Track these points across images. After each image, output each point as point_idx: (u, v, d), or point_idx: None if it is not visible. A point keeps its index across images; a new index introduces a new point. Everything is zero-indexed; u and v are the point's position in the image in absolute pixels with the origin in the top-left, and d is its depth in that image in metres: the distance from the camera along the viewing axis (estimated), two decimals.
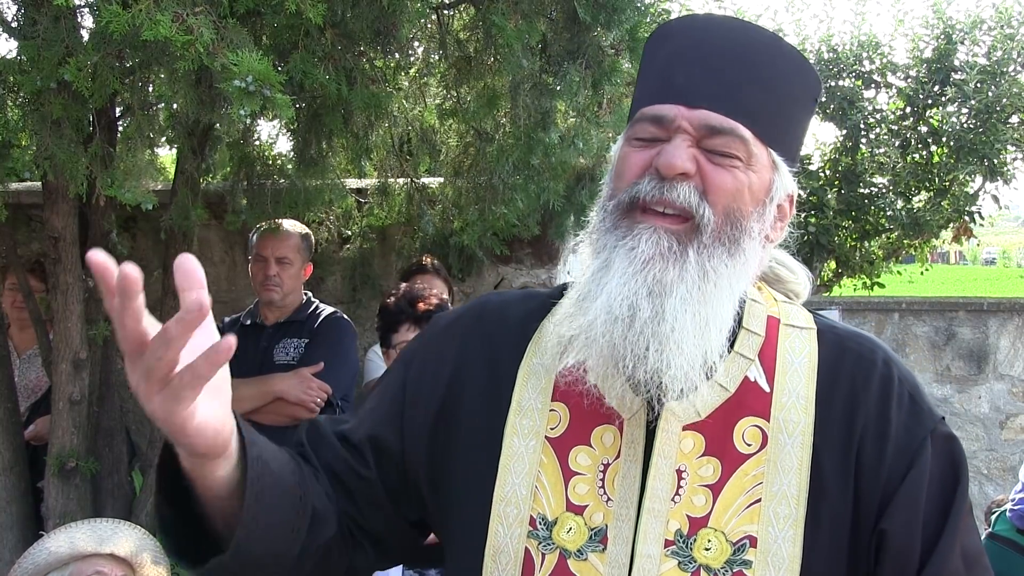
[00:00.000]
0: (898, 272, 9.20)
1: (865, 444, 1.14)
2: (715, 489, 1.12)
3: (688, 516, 1.12)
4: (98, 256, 0.86)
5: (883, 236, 8.38)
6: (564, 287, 1.29)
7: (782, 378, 1.17)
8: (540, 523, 1.15)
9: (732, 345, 1.18)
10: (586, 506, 1.14)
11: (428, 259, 3.99)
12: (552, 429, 1.19)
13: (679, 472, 1.13)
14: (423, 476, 1.25)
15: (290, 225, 3.67)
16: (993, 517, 3.19)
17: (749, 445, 1.14)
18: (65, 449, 3.19)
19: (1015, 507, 3.06)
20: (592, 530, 1.13)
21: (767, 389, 1.16)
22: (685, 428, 1.14)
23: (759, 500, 1.11)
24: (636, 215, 1.12)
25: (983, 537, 3.07)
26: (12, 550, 3.30)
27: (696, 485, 1.13)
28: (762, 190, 1.15)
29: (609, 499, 1.14)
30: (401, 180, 4.31)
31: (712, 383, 1.15)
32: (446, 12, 3.52)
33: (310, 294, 3.76)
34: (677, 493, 1.13)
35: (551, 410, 1.20)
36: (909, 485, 1.13)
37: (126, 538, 1.82)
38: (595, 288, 1.12)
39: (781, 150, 1.16)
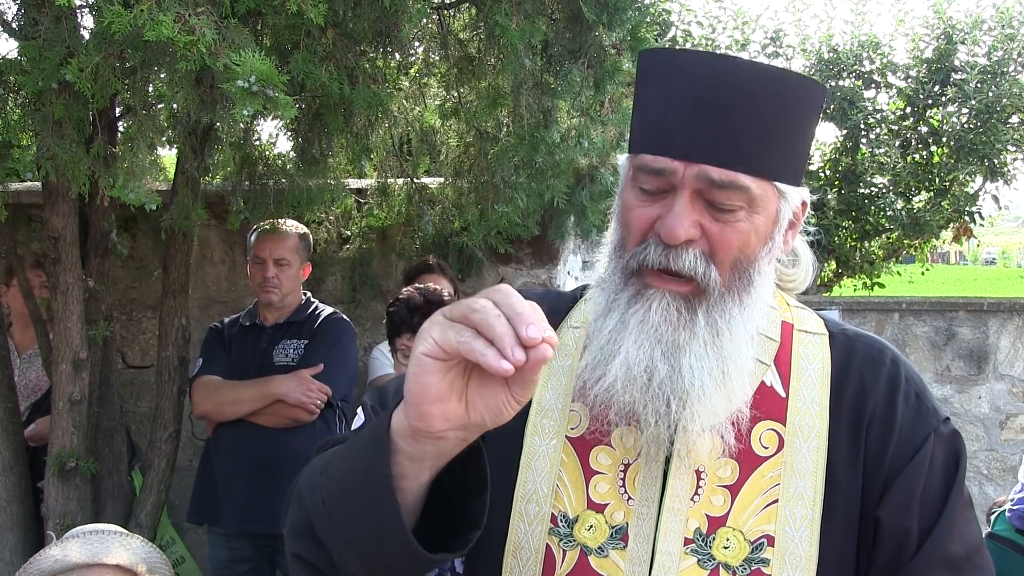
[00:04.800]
0: (898, 272, 9.18)
1: (872, 433, 1.18)
2: (733, 490, 1.16)
3: (707, 515, 1.15)
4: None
5: (883, 236, 8.38)
6: (584, 288, 1.31)
7: (797, 384, 1.21)
8: (561, 520, 1.18)
9: None
10: (607, 504, 1.17)
11: (433, 259, 3.99)
12: (572, 429, 1.22)
13: (698, 473, 1.16)
14: None
15: (288, 225, 3.67)
16: (993, 517, 3.19)
17: (766, 448, 1.18)
18: (65, 449, 3.19)
19: (1014, 507, 3.06)
20: (613, 528, 1.16)
21: (783, 394, 1.20)
22: (704, 431, 1.16)
23: (776, 501, 1.15)
24: (645, 278, 1.14)
25: (983, 537, 3.06)
26: (12, 550, 3.29)
27: (715, 485, 1.16)
28: (769, 225, 1.15)
29: (630, 498, 1.17)
30: (401, 180, 4.31)
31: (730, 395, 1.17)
32: (447, 12, 3.52)
33: (309, 294, 3.75)
34: (696, 493, 1.16)
35: (571, 410, 1.22)
36: (909, 473, 1.16)
37: (130, 549, 1.82)
38: (613, 346, 1.14)
39: (786, 177, 1.16)
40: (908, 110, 8.22)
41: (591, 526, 1.16)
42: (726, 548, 1.14)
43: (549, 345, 0.88)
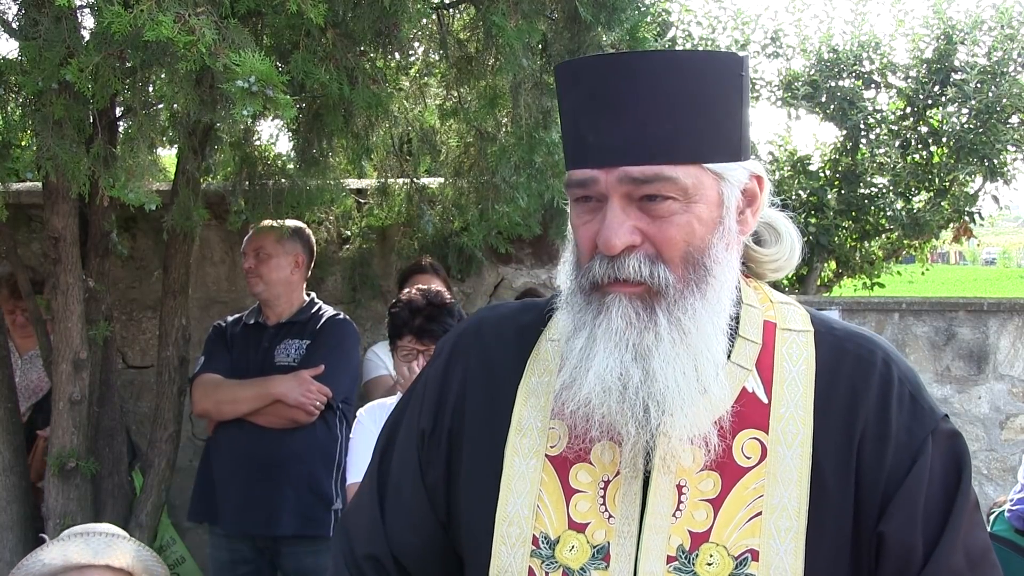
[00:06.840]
0: (898, 272, 9.18)
1: (865, 446, 1.13)
2: (716, 503, 1.12)
3: (689, 531, 1.12)
4: None
5: (883, 236, 8.37)
6: (557, 297, 1.27)
7: (780, 388, 1.16)
8: (543, 542, 1.16)
9: (729, 355, 1.17)
10: (588, 523, 1.14)
11: (427, 259, 3.99)
12: (552, 447, 1.19)
13: (679, 487, 1.13)
14: (443, 505, 1.28)
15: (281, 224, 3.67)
16: (992, 517, 3.18)
17: (748, 458, 1.14)
18: (65, 449, 3.19)
19: (1014, 507, 3.06)
20: (594, 548, 1.13)
21: (765, 400, 1.16)
22: (685, 439, 1.13)
23: (760, 513, 1.11)
24: (602, 289, 1.13)
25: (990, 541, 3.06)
26: (12, 550, 3.29)
27: (697, 500, 1.13)
28: (713, 210, 1.12)
29: (611, 516, 1.14)
30: (401, 180, 4.31)
31: (710, 396, 1.13)
32: (446, 12, 3.52)
33: (314, 295, 3.75)
34: (678, 508, 1.12)
35: (550, 428, 1.20)
36: (909, 485, 1.12)
37: (122, 550, 1.81)
38: (585, 361, 1.13)
39: (716, 156, 1.12)
40: (908, 110, 8.22)
41: (572, 547, 1.14)
42: (710, 564, 1.10)
43: None
